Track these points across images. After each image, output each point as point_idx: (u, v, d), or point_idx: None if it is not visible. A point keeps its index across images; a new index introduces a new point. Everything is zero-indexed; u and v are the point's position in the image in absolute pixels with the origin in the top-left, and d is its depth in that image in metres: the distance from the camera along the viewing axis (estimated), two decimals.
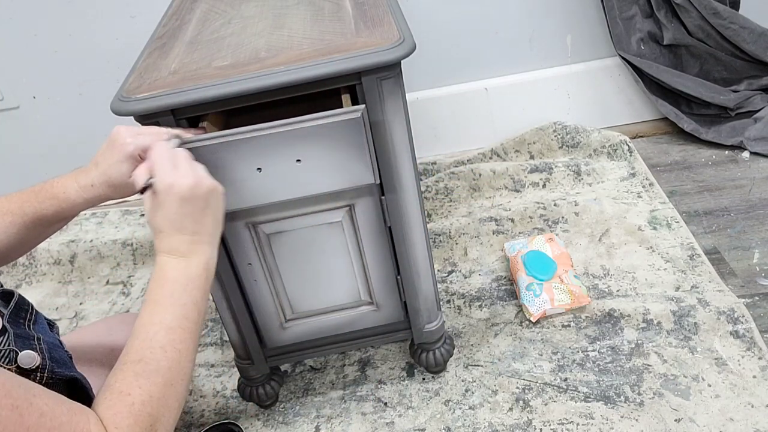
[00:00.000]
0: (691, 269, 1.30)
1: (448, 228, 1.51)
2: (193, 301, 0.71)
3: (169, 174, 0.72)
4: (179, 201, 0.71)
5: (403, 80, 0.87)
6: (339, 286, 1.01)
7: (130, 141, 0.77)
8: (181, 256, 0.72)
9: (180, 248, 0.72)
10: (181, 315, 0.70)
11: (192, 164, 0.74)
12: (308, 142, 0.81)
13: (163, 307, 0.70)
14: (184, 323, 0.69)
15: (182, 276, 0.72)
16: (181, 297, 0.71)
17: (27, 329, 0.71)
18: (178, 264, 0.72)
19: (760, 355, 1.10)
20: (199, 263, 0.73)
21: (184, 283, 0.71)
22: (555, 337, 1.21)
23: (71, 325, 1.48)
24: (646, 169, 1.60)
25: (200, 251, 0.74)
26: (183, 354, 0.68)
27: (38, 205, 0.79)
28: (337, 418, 1.14)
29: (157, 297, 0.70)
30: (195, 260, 0.73)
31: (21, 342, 0.67)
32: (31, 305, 0.74)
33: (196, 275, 0.72)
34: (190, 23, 1.03)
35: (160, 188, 0.71)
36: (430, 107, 1.74)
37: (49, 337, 0.73)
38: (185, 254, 0.72)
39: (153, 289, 0.71)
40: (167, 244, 0.72)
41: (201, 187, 0.73)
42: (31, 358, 0.66)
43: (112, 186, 0.78)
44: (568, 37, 1.68)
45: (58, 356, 0.72)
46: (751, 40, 1.55)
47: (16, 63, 1.65)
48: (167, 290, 0.71)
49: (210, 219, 0.75)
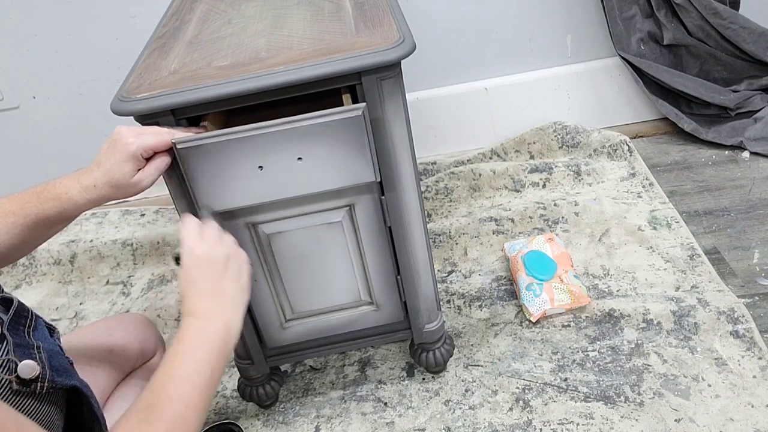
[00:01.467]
0: (691, 269, 1.30)
1: (448, 228, 1.51)
2: (207, 359, 0.72)
3: (191, 242, 0.78)
4: (197, 264, 0.77)
5: (403, 80, 0.87)
6: (339, 286, 1.01)
7: (132, 141, 0.77)
8: (200, 318, 0.75)
9: (199, 310, 0.76)
10: (194, 371, 0.71)
11: (217, 233, 0.80)
12: (309, 140, 0.81)
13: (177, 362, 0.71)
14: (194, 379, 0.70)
15: (199, 335, 0.74)
16: (195, 353, 0.72)
17: (26, 337, 0.70)
18: (197, 324, 0.75)
19: (760, 355, 1.10)
20: (217, 325, 0.76)
21: (201, 342, 0.74)
22: (555, 337, 1.21)
23: (71, 325, 1.48)
24: (646, 169, 1.60)
25: (219, 314, 0.76)
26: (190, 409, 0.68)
27: (40, 206, 0.79)
28: (337, 418, 1.14)
29: (173, 353, 0.72)
30: (212, 322, 0.76)
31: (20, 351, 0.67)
32: (31, 311, 0.74)
33: (213, 336, 0.75)
34: (190, 23, 1.03)
35: (182, 254, 0.77)
36: (430, 107, 1.74)
37: (49, 344, 0.73)
38: (205, 316, 0.75)
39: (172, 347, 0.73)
40: (189, 305, 0.76)
41: (220, 251, 0.78)
42: (30, 368, 0.66)
43: (114, 186, 0.78)
44: (568, 37, 1.68)
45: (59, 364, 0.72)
46: (751, 40, 1.55)
47: (16, 63, 1.65)
48: (182, 347, 0.73)
49: (230, 284, 0.79)
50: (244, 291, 0.81)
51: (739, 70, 1.64)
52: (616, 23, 1.59)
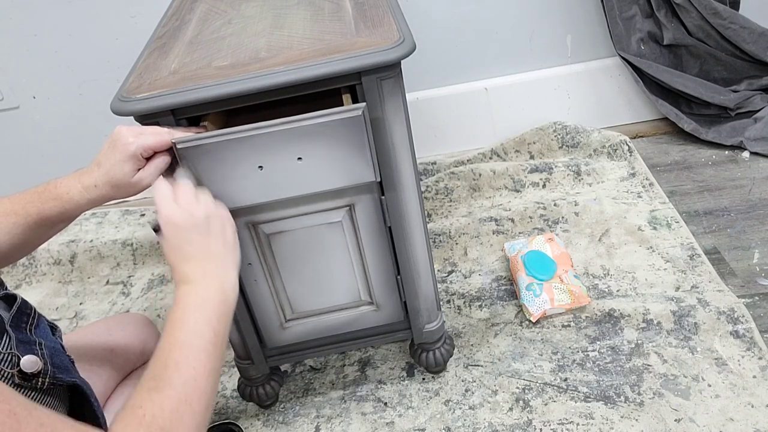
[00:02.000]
0: (691, 269, 1.30)
1: (448, 228, 1.51)
2: (207, 321, 0.71)
3: (167, 207, 0.75)
4: (178, 231, 0.74)
5: (403, 80, 0.87)
6: (339, 286, 1.01)
7: (132, 141, 0.77)
8: (193, 282, 0.74)
9: (190, 275, 0.74)
10: (195, 334, 0.70)
11: (193, 193, 0.77)
12: (309, 140, 0.81)
13: (177, 329, 0.70)
14: (197, 342, 0.69)
15: (194, 299, 0.73)
16: (194, 317, 0.71)
17: (29, 334, 0.71)
18: (190, 289, 0.73)
19: (760, 355, 1.10)
20: (209, 285, 0.74)
21: (197, 305, 0.72)
22: (555, 337, 1.21)
23: (71, 325, 1.48)
24: (646, 169, 1.60)
25: (211, 274, 0.75)
26: (199, 372, 0.67)
27: (41, 206, 0.79)
28: (337, 418, 1.14)
29: (171, 320, 0.71)
30: (206, 283, 0.74)
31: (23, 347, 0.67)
32: (34, 309, 0.74)
33: (208, 296, 0.73)
34: (190, 23, 1.03)
35: (161, 223, 0.74)
36: (430, 107, 1.74)
37: (50, 341, 0.73)
38: (197, 280, 0.74)
39: (168, 316, 0.72)
40: (179, 274, 0.74)
41: (197, 213, 0.75)
42: (33, 362, 0.66)
43: (115, 186, 0.78)
44: (568, 37, 1.68)
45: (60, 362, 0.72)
46: (751, 40, 1.55)
47: (16, 63, 1.65)
48: (179, 313, 0.71)
49: (216, 243, 0.76)
50: (232, 248, 0.79)
51: (739, 70, 1.64)
52: (616, 23, 1.59)
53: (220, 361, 0.72)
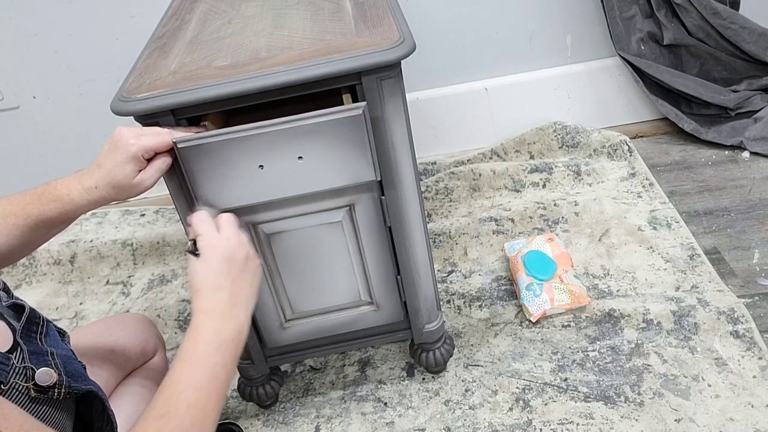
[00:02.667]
0: (691, 269, 1.30)
1: (448, 228, 1.51)
2: (224, 363, 0.71)
3: (212, 235, 0.76)
4: (220, 260, 0.74)
5: (403, 80, 0.87)
6: (339, 286, 1.01)
7: (133, 142, 0.77)
8: (217, 317, 0.73)
9: (216, 309, 0.73)
10: (210, 375, 0.70)
11: (236, 230, 0.78)
12: (310, 139, 0.81)
13: (194, 366, 0.70)
14: (212, 383, 0.69)
15: (215, 338, 0.72)
16: (212, 358, 0.71)
17: (39, 344, 0.70)
18: (213, 325, 0.73)
19: (760, 355, 1.10)
20: (233, 327, 0.74)
21: (217, 345, 0.72)
22: (555, 337, 1.21)
23: (71, 325, 1.48)
24: (646, 169, 1.60)
25: (235, 315, 0.74)
26: (207, 414, 0.67)
27: (41, 208, 0.79)
28: (337, 418, 1.14)
29: (190, 355, 0.71)
30: (230, 323, 0.74)
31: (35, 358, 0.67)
32: (42, 317, 0.74)
33: (229, 339, 0.73)
34: (190, 23, 1.03)
35: (203, 247, 0.74)
36: (430, 107, 1.74)
37: (61, 349, 0.73)
38: (221, 315, 0.73)
39: (186, 348, 0.71)
40: (205, 303, 0.73)
41: (242, 250, 0.76)
42: (48, 375, 0.66)
43: (116, 188, 0.78)
44: (568, 37, 1.68)
45: (73, 369, 0.72)
46: (751, 40, 1.55)
47: (16, 63, 1.65)
48: (200, 350, 0.71)
49: (247, 284, 0.77)
50: (256, 296, 0.79)
51: (739, 70, 1.64)
52: (616, 23, 1.59)
53: (225, 400, 0.72)
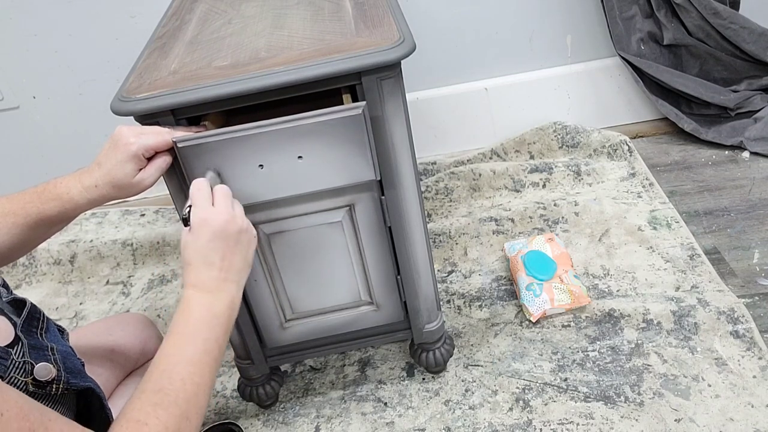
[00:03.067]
0: (691, 269, 1.30)
1: (448, 228, 1.51)
2: (215, 337, 0.72)
3: (204, 208, 0.74)
4: (211, 235, 0.73)
5: (403, 80, 0.87)
6: (339, 286, 1.01)
7: (133, 141, 0.77)
8: (208, 292, 0.73)
9: (207, 283, 0.73)
10: (203, 350, 0.70)
11: (230, 202, 0.77)
12: (310, 139, 0.82)
13: (186, 341, 0.70)
14: (204, 358, 0.70)
15: (207, 312, 0.72)
16: (204, 332, 0.71)
17: (40, 339, 0.71)
18: (203, 299, 0.73)
19: (760, 355, 1.10)
20: (223, 301, 0.74)
21: (208, 319, 0.72)
22: (555, 337, 1.21)
23: (71, 325, 1.48)
24: (646, 169, 1.60)
25: (226, 289, 0.74)
26: (201, 388, 0.68)
27: (41, 206, 0.79)
28: (337, 418, 1.14)
29: (181, 330, 0.71)
30: (220, 297, 0.74)
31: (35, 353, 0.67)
32: (43, 313, 0.74)
33: (220, 312, 0.73)
34: (190, 23, 1.03)
35: (194, 221, 0.73)
36: (430, 107, 1.74)
37: (61, 345, 0.73)
38: (211, 290, 0.73)
39: (178, 322, 0.72)
40: (195, 277, 0.73)
41: (234, 224, 0.75)
42: (47, 370, 0.66)
43: (116, 186, 0.78)
44: (568, 37, 1.68)
45: (72, 365, 0.72)
46: (751, 40, 1.55)
47: (16, 63, 1.65)
48: (191, 325, 0.71)
49: (239, 258, 0.76)
50: (250, 266, 0.79)
51: (739, 70, 1.64)
52: (616, 23, 1.59)
53: (217, 373, 0.72)
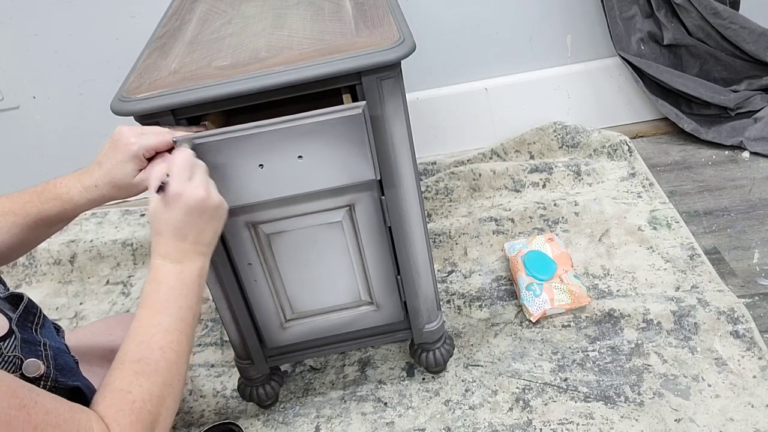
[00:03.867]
0: (691, 269, 1.30)
1: (448, 228, 1.51)
2: (188, 305, 0.73)
3: (182, 182, 0.74)
4: (186, 210, 0.73)
5: (403, 80, 0.87)
6: (339, 286, 1.01)
7: (134, 141, 0.77)
8: (177, 262, 0.74)
9: (176, 254, 0.74)
10: (178, 318, 0.72)
11: (207, 178, 0.77)
12: (310, 139, 0.82)
13: (159, 311, 0.72)
14: (180, 325, 0.71)
15: (177, 281, 0.74)
16: (177, 301, 0.73)
17: (34, 333, 0.71)
18: (173, 268, 0.74)
19: (760, 355, 1.10)
20: (193, 270, 0.75)
21: (179, 288, 0.73)
22: (555, 337, 1.21)
23: (71, 325, 1.48)
24: (646, 169, 1.60)
25: (195, 259, 0.76)
26: (180, 355, 0.70)
27: (41, 206, 0.79)
28: (337, 418, 1.14)
29: (153, 301, 0.72)
30: (189, 266, 0.75)
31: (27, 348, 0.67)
32: (39, 309, 0.75)
33: (190, 281, 0.74)
34: (190, 23, 1.03)
35: (170, 193, 0.73)
36: (430, 107, 1.74)
37: (55, 342, 0.73)
38: (181, 260, 0.74)
39: (149, 293, 0.73)
40: (164, 248, 0.74)
41: (209, 201, 0.75)
42: (35, 366, 0.67)
43: (116, 186, 0.78)
44: (568, 37, 1.68)
45: (64, 363, 0.72)
46: (751, 40, 1.55)
47: (16, 63, 1.65)
48: (162, 294, 0.73)
49: (211, 232, 0.77)
50: (218, 236, 0.80)
51: (739, 70, 1.64)
52: (616, 23, 1.59)
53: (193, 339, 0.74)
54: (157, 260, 0.74)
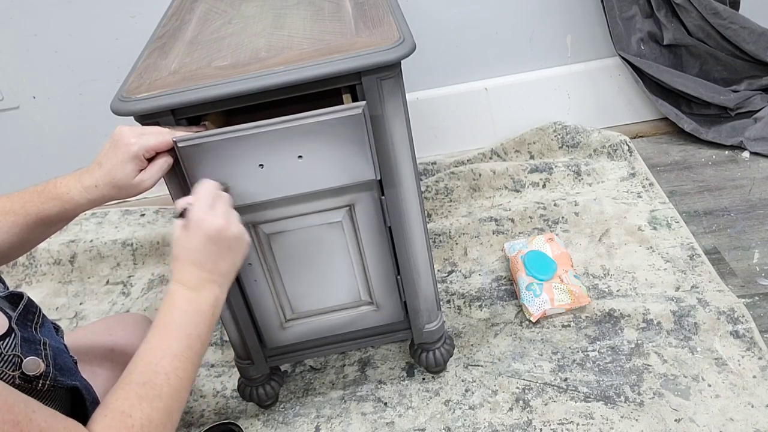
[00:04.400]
0: (691, 269, 1.30)
1: (448, 228, 1.51)
2: (198, 334, 0.73)
3: (203, 210, 0.75)
4: (205, 238, 0.75)
5: (403, 80, 0.87)
6: (339, 286, 1.01)
7: (134, 141, 0.77)
8: (193, 289, 0.75)
9: (192, 281, 0.75)
10: (186, 345, 0.71)
11: (229, 209, 0.78)
12: (310, 139, 0.82)
13: (170, 335, 0.72)
14: (187, 353, 0.71)
15: (191, 308, 0.74)
16: (187, 328, 0.73)
17: (34, 332, 0.71)
18: (189, 295, 0.74)
19: (760, 355, 1.10)
20: (207, 299, 0.75)
21: (192, 315, 0.74)
22: (555, 337, 1.21)
23: (71, 325, 1.48)
24: (646, 169, 1.60)
25: (210, 288, 0.76)
26: (183, 383, 0.70)
27: (41, 206, 0.79)
28: (337, 418, 1.14)
29: (166, 324, 0.73)
30: (204, 295, 0.75)
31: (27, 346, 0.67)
32: (39, 308, 0.74)
33: (204, 310, 0.75)
34: (190, 23, 1.03)
35: (191, 220, 0.75)
36: (430, 107, 1.74)
37: (55, 341, 0.73)
38: (197, 288, 0.75)
39: (162, 316, 0.73)
40: (182, 274, 0.75)
41: (228, 231, 0.76)
42: (36, 364, 0.67)
43: (116, 187, 0.78)
44: (568, 37, 1.68)
45: (63, 362, 0.72)
46: (751, 40, 1.55)
47: (16, 63, 1.65)
48: (176, 319, 0.73)
49: (228, 263, 0.78)
50: (237, 270, 0.81)
51: (739, 70, 1.64)
52: (616, 23, 1.59)
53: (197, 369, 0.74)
54: (174, 285, 0.75)
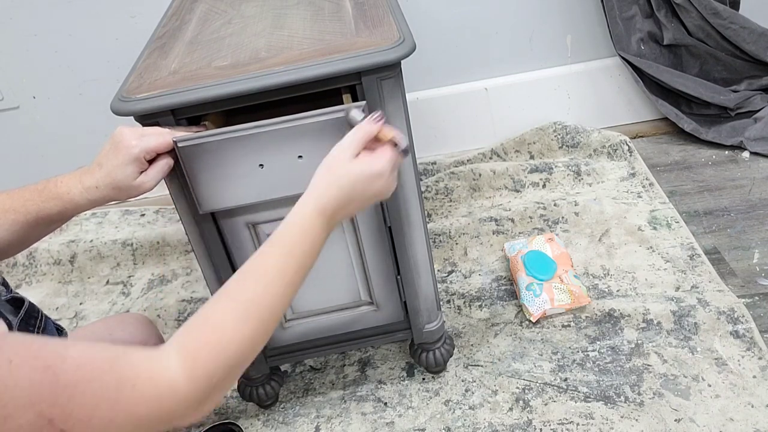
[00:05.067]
0: (691, 269, 1.30)
1: (448, 228, 1.51)
2: (308, 266, 0.69)
3: (392, 171, 0.73)
4: (373, 195, 0.72)
5: (403, 80, 0.87)
6: (339, 286, 1.01)
7: (135, 144, 0.77)
8: (328, 221, 0.70)
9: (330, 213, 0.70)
10: (301, 277, 0.67)
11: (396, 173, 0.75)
12: (310, 139, 0.81)
13: (290, 259, 0.66)
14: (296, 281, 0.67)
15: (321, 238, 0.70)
16: (309, 259, 0.68)
17: None
18: (324, 224, 0.70)
19: (760, 355, 1.10)
20: (325, 239, 0.71)
21: (319, 245, 0.70)
22: (555, 337, 1.21)
23: (71, 325, 1.48)
24: (646, 169, 1.60)
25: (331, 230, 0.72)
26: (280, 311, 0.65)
27: (41, 205, 0.79)
28: (337, 418, 1.14)
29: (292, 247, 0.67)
30: (329, 230, 0.71)
31: None
32: (41, 312, 0.74)
33: (319, 246, 0.70)
34: (190, 23, 1.03)
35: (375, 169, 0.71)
36: (430, 107, 1.74)
37: None
38: (330, 222, 0.71)
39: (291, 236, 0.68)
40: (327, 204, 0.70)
41: (387, 192, 0.74)
42: None
43: (117, 188, 0.78)
44: (568, 37, 1.68)
45: None
46: (751, 40, 1.55)
47: (16, 63, 1.65)
48: (307, 245, 0.68)
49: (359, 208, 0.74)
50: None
51: (739, 70, 1.64)
52: (616, 23, 1.59)
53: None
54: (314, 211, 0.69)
